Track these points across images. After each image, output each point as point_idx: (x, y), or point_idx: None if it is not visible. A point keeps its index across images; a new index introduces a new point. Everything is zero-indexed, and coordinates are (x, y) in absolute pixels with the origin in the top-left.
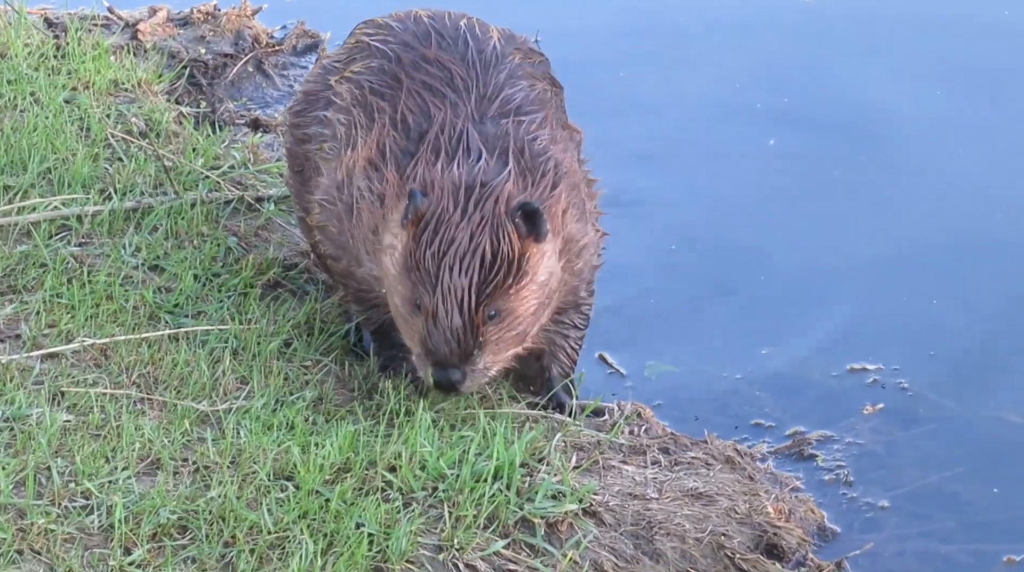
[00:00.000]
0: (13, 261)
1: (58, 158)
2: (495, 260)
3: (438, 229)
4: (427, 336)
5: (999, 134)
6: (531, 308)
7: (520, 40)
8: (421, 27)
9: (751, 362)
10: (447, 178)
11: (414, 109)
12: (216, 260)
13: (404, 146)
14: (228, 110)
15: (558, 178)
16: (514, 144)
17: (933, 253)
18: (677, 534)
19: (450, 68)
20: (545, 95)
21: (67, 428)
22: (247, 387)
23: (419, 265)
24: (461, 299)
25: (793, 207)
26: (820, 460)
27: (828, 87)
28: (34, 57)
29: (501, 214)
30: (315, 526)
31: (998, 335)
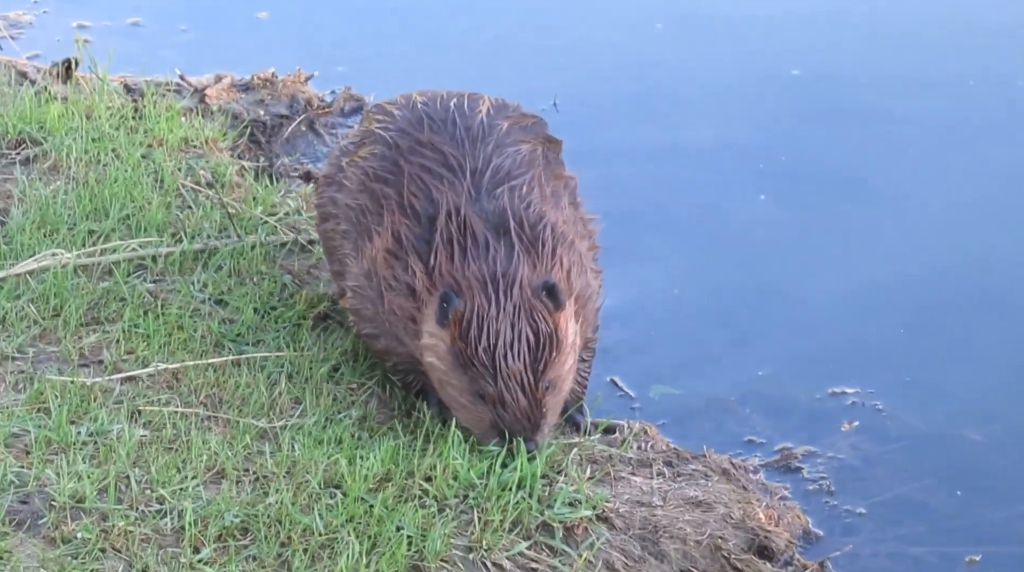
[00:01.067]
0: (97, 296)
1: (135, 206)
2: (539, 339)
3: (481, 325)
4: (499, 419)
5: (973, 177)
6: (570, 368)
7: (511, 108)
8: (415, 113)
9: (744, 386)
10: (470, 274)
11: (418, 194)
12: (273, 295)
13: (418, 234)
14: (284, 164)
15: (555, 243)
16: (513, 221)
17: (904, 290)
18: (679, 537)
19: (442, 150)
20: (533, 155)
21: (143, 442)
22: (300, 406)
23: (473, 360)
24: (522, 381)
25: (781, 252)
26: (805, 472)
27: (811, 145)
28: (115, 118)
29: (529, 298)
30: (361, 529)
31: (961, 363)
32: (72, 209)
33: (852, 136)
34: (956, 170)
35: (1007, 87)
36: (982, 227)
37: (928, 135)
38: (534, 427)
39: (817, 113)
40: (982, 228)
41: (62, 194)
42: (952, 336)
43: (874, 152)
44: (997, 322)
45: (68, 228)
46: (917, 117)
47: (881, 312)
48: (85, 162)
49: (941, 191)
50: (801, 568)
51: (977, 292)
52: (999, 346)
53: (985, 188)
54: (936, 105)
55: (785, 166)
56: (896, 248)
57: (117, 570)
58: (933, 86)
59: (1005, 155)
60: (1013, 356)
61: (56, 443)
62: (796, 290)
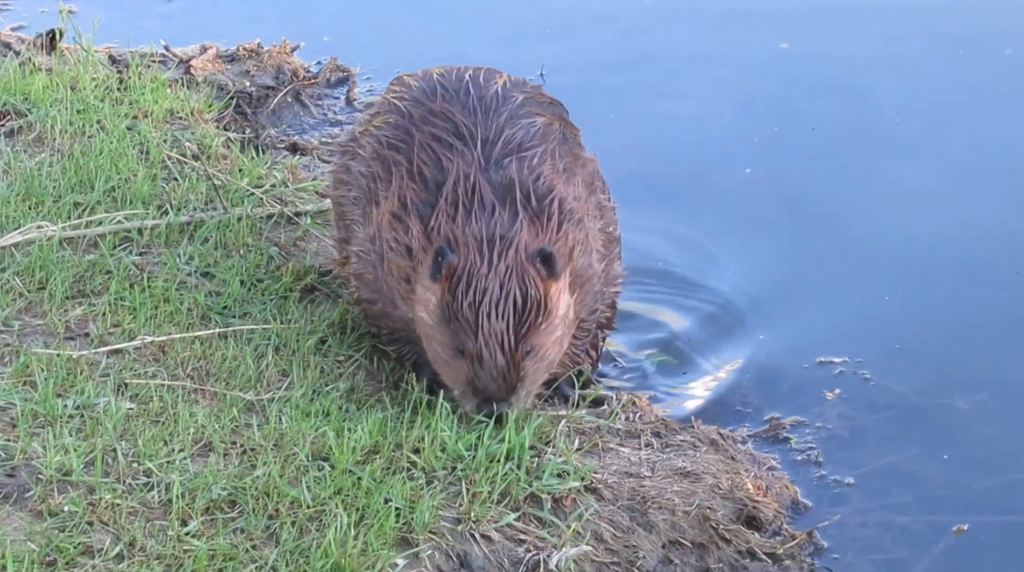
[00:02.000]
0: (82, 269)
1: (121, 178)
2: (526, 303)
3: (471, 281)
4: (475, 377)
5: (957, 151)
6: (557, 338)
7: (531, 86)
8: (430, 84)
9: (732, 356)
10: (469, 233)
11: (427, 161)
12: (260, 267)
13: (424, 198)
14: (270, 135)
15: (563, 217)
16: (520, 191)
17: (891, 261)
18: (668, 508)
19: (454, 119)
20: (548, 128)
21: (130, 415)
22: (288, 379)
23: (458, 315)
24: (502, 341)
25: (767, 223)
26: (793, 442)
27: (799, 117)
28: (100, 90)
29: (523, 262)
30: (349, 501)
31: (948, 332)
32: (57, 181)
33: (840, 110)
34: (942, 143)
35: (994, 59)
36: (969, 198)
37: (916, 110)
38: (509, 388)
39: (804, 86)
40: (969, 199)
41: (47, 166)
42: (940, 305)
43: (860, 126)
44: (984, 291)
45: (53, 200)
46: (906, 92)
47: (868, 282)
48: (70, 134)
49: (928, 164)
50: (789, 538)
51: (964, 261)
52: (986, 315)
53: (971, 161)
54: (924, 80)
55: (772, 137)
56: (883, 218)
57: (104, 543)
58: (920, 61)
59: (993, 129)
60: (1000, 325)
61: (42, 416)
62: (783, 261)
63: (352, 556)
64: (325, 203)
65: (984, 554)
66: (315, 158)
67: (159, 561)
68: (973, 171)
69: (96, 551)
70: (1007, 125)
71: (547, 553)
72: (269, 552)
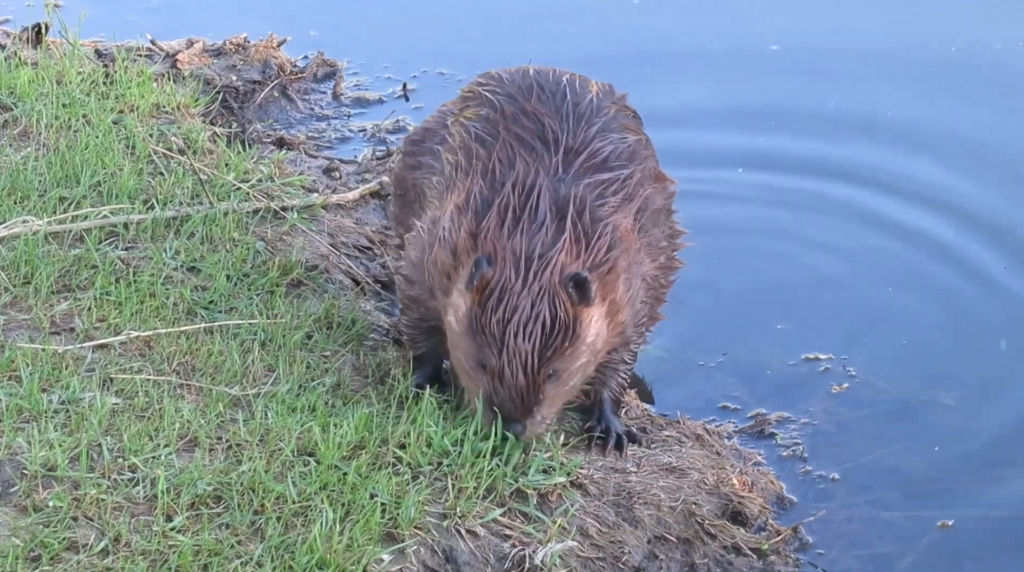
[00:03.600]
0: (68, 263)
1: (107, 172)
2: (554, 326)
3: (502, 297)
4: (493, 393)
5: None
6: (581, 365)
7: (618, 95)
8: (526, 81)
9: (719, 352)
10: (510, 246)
11: (504, 160)
12: (246, 262)
13: (486, 196)
14: (256, 130)
15: (613, 242)
16: (574, 208)
17: (876, 258)
18: (653, 503)
19: (543, 121)
20: (638, 147)
21: (115, 410)
22: (274, 374)
23: (484, 329)
24: (525, 362)
25: (756, 220)
26: (779, 438)
27: (790, 113)
28: (86, 84)
29: (556, 284)
30: (334, 496)
31: (932, 329)
32: (43, 175)
33: (830, 108)
34: (932, 140)
35: (984, 53)
36: (955, 195)
37: (906, 105)
38: (526, 410)
39: (797, 82)
40: (955, 196)
41: (32, 160)
42: (925, 302)
43: (848, 121)
44: (969, 288)
45: (39, 195)
46: (895, 87)
47: (854, 279)
48: (56, 128)
49: (915, 160)
50: (775, 533)
51: (949, 258)
52: (971, 311)
53: (959, 158)
54: (913, 73)
55: (762, 132)
56: (869, 216)
57: (89, 538)
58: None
59: (984, 124)
60: (985, 321)
61: (27, 411)
62: (770, 258)
63: (337, 551)
64: (311, 198)
65: (968, 549)
66: (301, 153)
67: (144, 556)
68: (961, 168)
69: (81, 546)
70: (1001, 124)
71: (533, 548)
72: (254, 547)
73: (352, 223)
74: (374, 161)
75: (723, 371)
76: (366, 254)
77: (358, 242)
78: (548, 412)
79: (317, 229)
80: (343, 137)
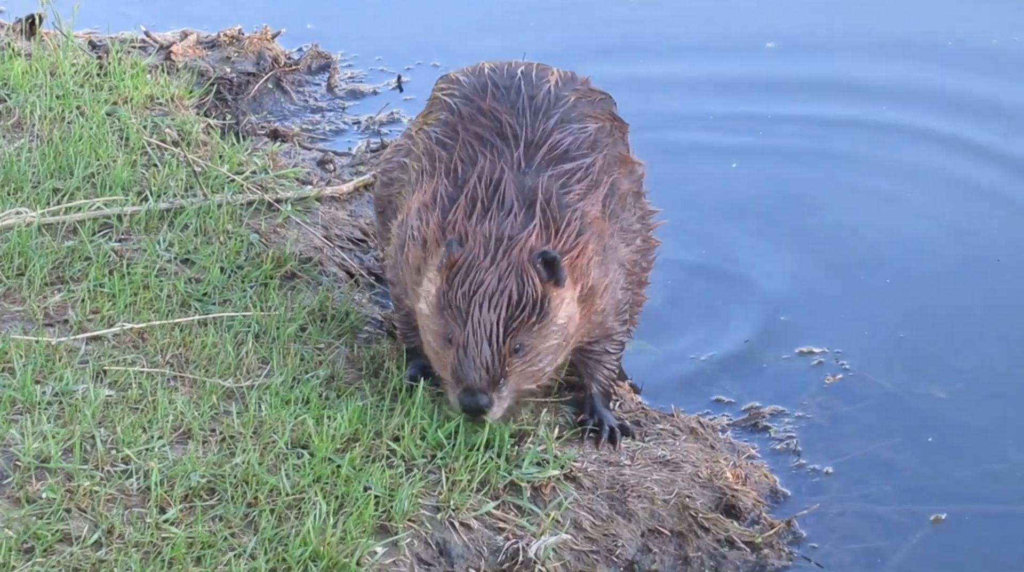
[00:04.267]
0: (61, 255)
1: (101, 164)
2: (520, 299)
3: (469, 273)
4: (458, 365)
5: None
6: (551, 346)
7: (580, 81)
8: (481, 80)
9: (713, 346)
10: (480, 230)
11: (465, 159)
12: (240, 254)
13: (451, 193)
14: (250, 122)
15: (583, 228)
16: (543, 196)
17: (871, 252)
18: (647, 496)
19: (500, 118)
20: (599, 134)
21: (109, 402)
22: (267, 366)
23: (451, 303)
24: (490, 332)
25: (752, 215)
26: (773, 431)
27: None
28: (80, 75)
29: (524, 261)
30: (328, 489)
31: (926, 323)
32: (36, 167)
33: (827, 105)
34: (927, 139)
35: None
36: (949, 191)
37: (903, 104)
38: (492, 381)
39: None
40: (949, 192)
41: (26, 152)
42: (919, 296)
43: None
44: (963, 282)
45: (32, 186)
46: (893, 85)
47: (848, 273)
48: (49, 119)
49: (910, 159)
50: (768, 527)
51: (944, 253)
52: (965, 306)
53: (954, 155)
54: (912, 73)
55: (757, 129)
56: (865, 211)
57: (82, 530)
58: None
59: (981, 124)
60: (979, 315)
61: (21, 403)
62: (766, 252)
63: (331, 544)
64: (305, 190)
65: (961, 544)
66: (296, 145)
67: (137, 548)
68: (955, 166)
69: (74, 538)
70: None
71: (526, 541)
72: (248, 540)
73: (346, 215)
74: (368, 153)
75: (717, 364)
76: (360, 246)
77: (352, 234)
78: (515, 387)
79: (311, 221)
80: (337, 129)
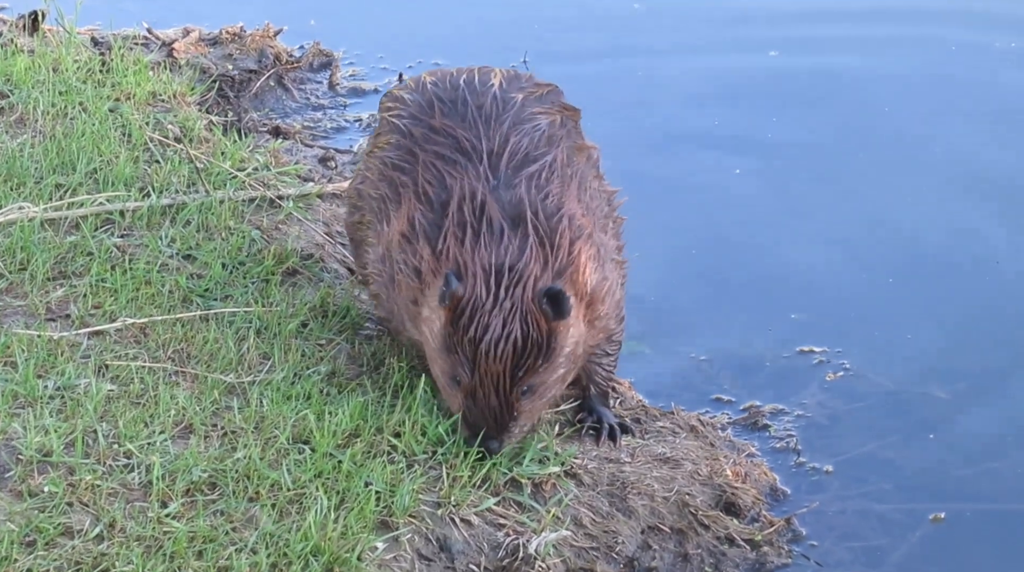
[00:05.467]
0: (64, 250)
1: (103, 160)
2: (526, 345)
3: (473, 315)
4: (467, 411)
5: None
6: (559, 376)
7: (525, 78)
8: (426, 96)
9: (713, 344)
10: (478, 261)
11: (432, 181)
12: (241, 250)
13: (431, 219)
14: (252, 119)
15: (574, 235)
16: (529, 210)
17: (870, 251)
18: (647, 493)
19: (454, 134)
20: (552, 129)
21: (111, 396)
22: (269, 362)
23: (457, 347)
24: (497, 382)
25: (751, 215)
26: (772, 430)
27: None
28: (82, 71)
29: (528, 302)
30: (329, 484)
31: (927, 322)
32: (39, 162)
33: (825, 107)
34: (925, 138)
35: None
36: (948, 191)
37: (898, 105)
38: (500, 427)
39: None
40: (948, 192)
41: (29, 147)
42: (919, 295)
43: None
44: (963, 282)
45: (35, 181)
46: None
47: (848, 272)
48: (52, 115)
49: (909, 158)
50: (768, 524)
51: (944, 252)
52: (965, 305)
53: (952, 156)
54: (909, 74)
55: (758, 130)
56: (863, 211)
57: (84, 524)
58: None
59: (978, 127)
60: (979, 315)
61: (23, 397)
62: (765, 252)
63: (332, 539)
64: (307, 187)
65: (961, 542)
66: (297, 142)
67: (139, 542)
68: (953, 166)
69: (76, 532)
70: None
71: (527, 538)
72: (249, 534)
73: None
74: None
75: (717, 363)
76: None
77: None
78: (526, 423)
79: (312, 218)
80: (339, 127)
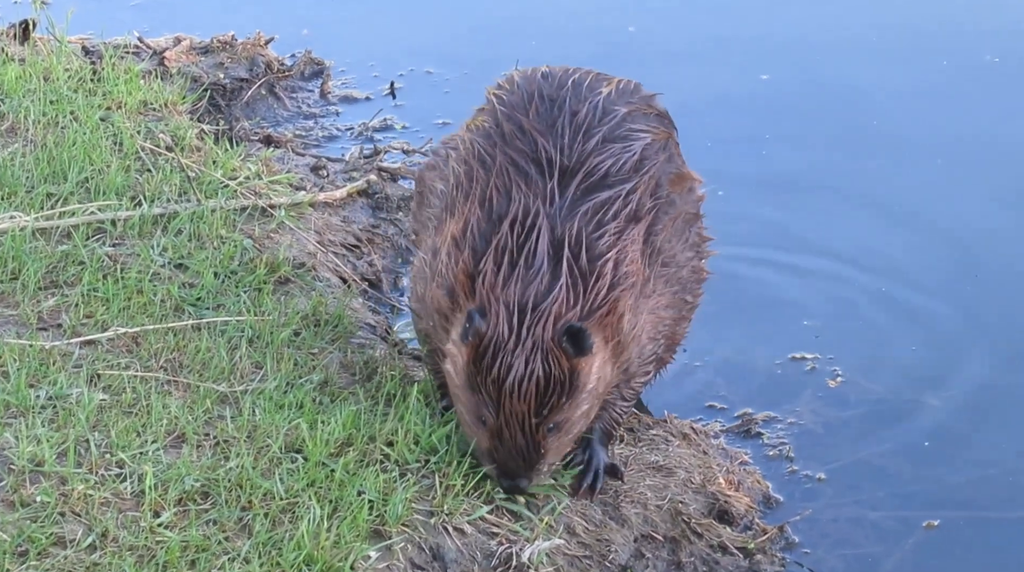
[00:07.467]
0: (55, 259)
1: (94, 169)
2: (548, 383)
3: (496, 356)
4: (494, 451)
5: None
6: (583, 412)
7: (641, 95)
8: (531, 87)
9: (706, 352)
10: (503, 297)
11: (500, 188)
12: (233, 259)
13: (483, 231)
14: (243, 128)
15: (615, 281)
16: (571, 250)
17: (863, 259)
18: (640, 502)
19: (537, 140)
20: (648, 152)
21: (103, 406)
22: (261, 371)
23: (481, 387)
24: (522, 422)
25: (745, 223)
26: (765, 437)
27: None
28: (73, 80)
29: (549, 341)
30: (322, 493)
31: (919, 330)
32: (30, 171)
33: (822, 126)
34: (919, 144)
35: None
36: (941, 197)
37: (895, 116)
38: (528, 466)
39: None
40: (941, 198)
41: (20, 156)
42: (911, 302)
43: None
44: (955, 290)
45: (26, 191)
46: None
47: (841, 280)
48: (43, 124)
49: (903, 164)
50: (761, 532)
51: (936, 260)
52: (958, 313)
53: (945, 163)
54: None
55: (750, 139)
56: (858, 219)
57: (76, 534)
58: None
59: (972, 134)
60: (971, 323)
61: (15, 406)
62: (759, 259)
63: (325, 548)
64: (299, 195)
65: (954, 550)
66: (289, 150)
67: (131, 552)
68: (946, 173)
69: (68, 542)
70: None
71: (520, 546)
72: (242, 544)
73: (339, 221)
74: (361, 159)
75: (710, 370)
76: (353, 252)
77: (345, 240)
78: (552, 460)
79: (304, 227)
80: (330, 135)
